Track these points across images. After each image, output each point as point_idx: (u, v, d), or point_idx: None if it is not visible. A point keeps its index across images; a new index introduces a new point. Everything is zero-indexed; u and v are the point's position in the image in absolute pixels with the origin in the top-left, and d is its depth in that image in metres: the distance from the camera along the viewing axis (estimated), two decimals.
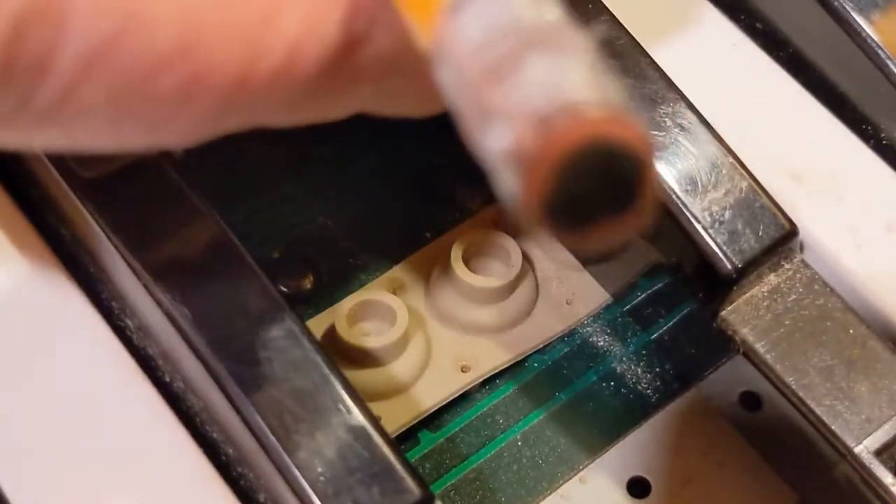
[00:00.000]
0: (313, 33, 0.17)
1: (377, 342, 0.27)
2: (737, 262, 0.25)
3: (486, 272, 0.29)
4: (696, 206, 0.26)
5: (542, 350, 0.29)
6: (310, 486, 0.21)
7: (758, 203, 0.26)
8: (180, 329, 0.23)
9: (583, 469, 0.27)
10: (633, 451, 0.28)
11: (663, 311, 0.29)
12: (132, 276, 0.23)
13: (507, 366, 0.28)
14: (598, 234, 0.15)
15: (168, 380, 0.25)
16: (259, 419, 0.22)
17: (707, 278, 0.26)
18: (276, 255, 0.29)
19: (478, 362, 0.28)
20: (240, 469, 0.24)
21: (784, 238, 0.26)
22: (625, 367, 0.29)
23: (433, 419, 0.28)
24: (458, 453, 0.27)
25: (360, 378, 0.27)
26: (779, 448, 0.27)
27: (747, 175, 0.26)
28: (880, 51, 0.29)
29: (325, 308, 0.28)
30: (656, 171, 0.16)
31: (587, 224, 0.15)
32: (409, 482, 0.22)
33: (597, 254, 0.27)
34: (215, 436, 0.24)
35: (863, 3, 0.29)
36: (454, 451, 0.27)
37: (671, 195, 0.26)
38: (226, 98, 0.17)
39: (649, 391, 0.29)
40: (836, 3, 0.29)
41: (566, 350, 0.29)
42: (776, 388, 0.25)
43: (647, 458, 0.28)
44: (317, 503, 0.21)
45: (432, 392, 0.28)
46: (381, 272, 0.29)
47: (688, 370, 0.29)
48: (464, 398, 0.28)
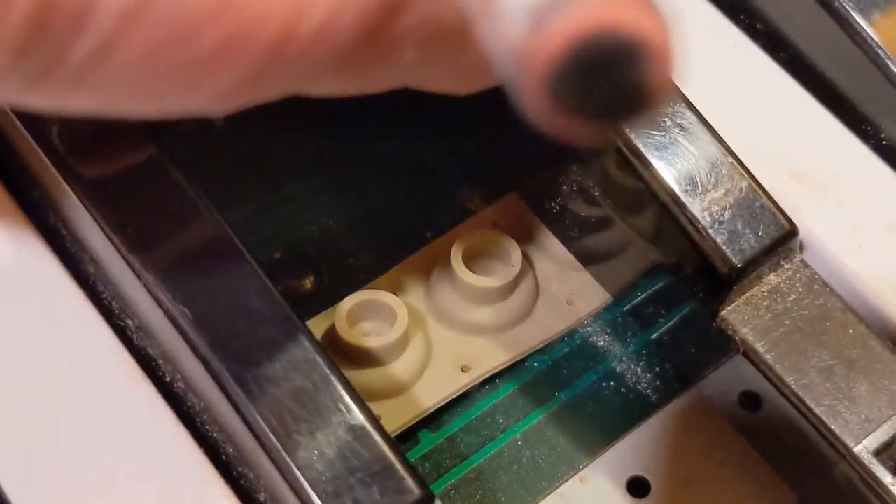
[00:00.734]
0: None
1: (377, 342, 0.27)
2: (737, 261, 0.25)
3: (486, 272, 0.29)
4: (695, 206, 0.26)
5: (542, 350, 0.29)
6: (310, 485, 0.21)
7: (758, 203, 0.26)
8: (181, 329, 0.23)
9: (583, 469, 0.27)
10: (632, 451, 0.28)
11: (663, 311, 0.29)
12: (132, 276, 0.23)
13: (506, 366, 0.28)
14: (606, 125, 0.15)
15: (168, 380, 0.25)
16: (259, 419, 0.22)
17: (707, 278, 0.26)
18: (277, 255, 0.29)
19: (478, 362, 0.28)
20: (240, 469, 0.24)
21: (784, 238, 0.26)
22: (625, 366, 0.29)
23: (433, 419, 0.28)
24: (458, 453, 0.27)
25: (360, 378, 0.27)
26: (778, 448, 0.27)
27: (747, 175, 0.26)
28: (880, 51, 0.29)
29: (325, 308, 0.28)
30: (673, 56, 0.15)
31: (596, 114, 0.14)
32: (409, 482, 0.22)
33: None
34: (216, 436, 0.24)
35: (863, 3, 0.29)
36: (454, 450, 0.27)
37: (671, 195, 0.26)
38: (267, 57, 0.17)
39: (649, 391, 0.29)
40: (836, 3, 0.29)
41: (566, 350, 0.29)
42: (776, 387, 0.25)
43: (647, 458, 0.28)
44: (317, 503, 0.21)
45: (432, 392, 0.28)
46: (381, 272, 0.29)
47: (688, 370, 0.29)
48: (464, 398, 0.28)
